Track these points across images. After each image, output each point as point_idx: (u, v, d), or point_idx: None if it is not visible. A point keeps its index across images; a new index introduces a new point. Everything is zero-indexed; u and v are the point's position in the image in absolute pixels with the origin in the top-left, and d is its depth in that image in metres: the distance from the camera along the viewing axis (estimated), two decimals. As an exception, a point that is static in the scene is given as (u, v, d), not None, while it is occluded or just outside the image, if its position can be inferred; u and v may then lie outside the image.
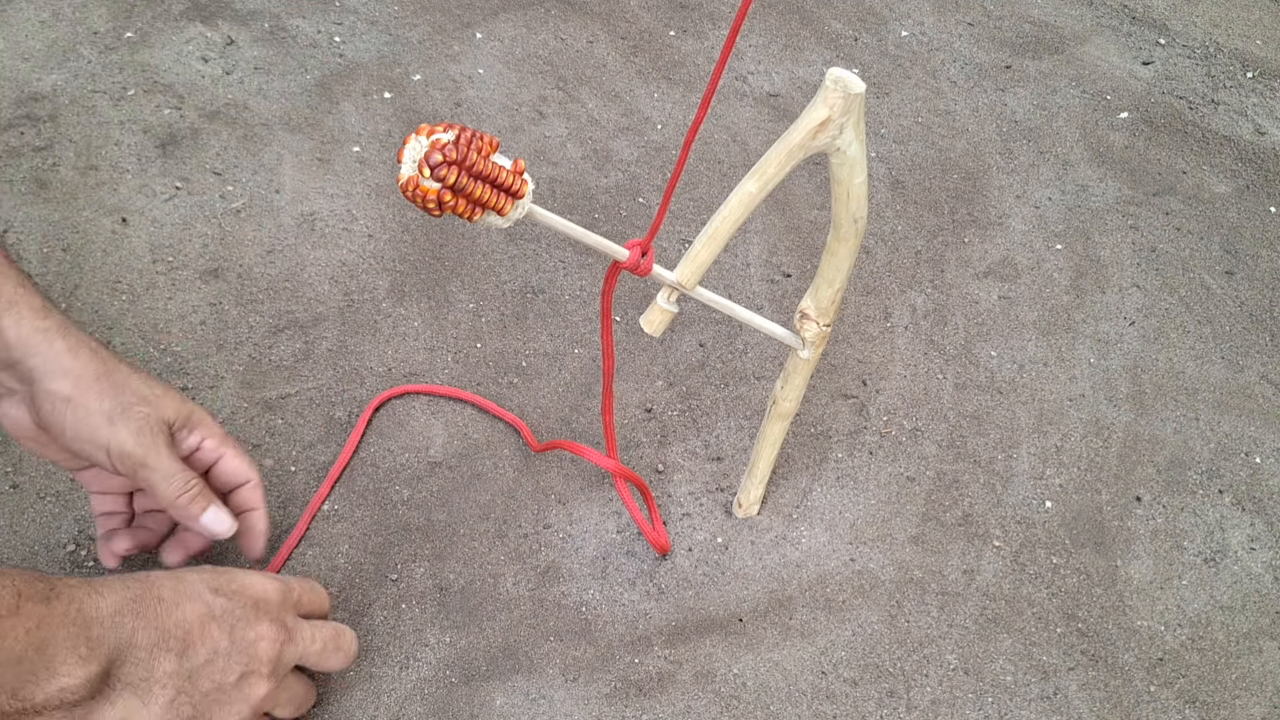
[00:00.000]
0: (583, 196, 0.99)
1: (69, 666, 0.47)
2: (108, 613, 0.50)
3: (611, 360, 0.65)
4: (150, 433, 0.59)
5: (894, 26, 1.22)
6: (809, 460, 0.82)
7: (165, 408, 0.61)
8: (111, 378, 0.59)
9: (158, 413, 0.60)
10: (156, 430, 0.59)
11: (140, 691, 0.51)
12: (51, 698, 0.47)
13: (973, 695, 0.70)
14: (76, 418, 0.57)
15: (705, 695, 0.68)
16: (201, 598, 0.54)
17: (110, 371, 0.59)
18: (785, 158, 0.54)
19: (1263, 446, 0.87)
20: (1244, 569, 0.79)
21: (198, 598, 0.54)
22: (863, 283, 0.95)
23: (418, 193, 0.47)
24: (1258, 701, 0.72)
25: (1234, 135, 1.12)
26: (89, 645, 0.48)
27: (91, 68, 1.01)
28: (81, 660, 0.48)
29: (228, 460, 0.64)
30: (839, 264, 0.60)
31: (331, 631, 0.61)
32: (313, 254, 0.90)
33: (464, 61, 1.09)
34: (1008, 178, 1.07)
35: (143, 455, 0.59)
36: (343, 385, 0.81)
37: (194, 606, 0.53)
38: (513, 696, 0.67)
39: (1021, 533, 0.79)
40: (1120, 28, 1.25)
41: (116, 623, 0.50)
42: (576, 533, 0.76)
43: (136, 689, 0.51)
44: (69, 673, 0.47)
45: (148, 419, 0.59)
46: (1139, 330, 0.94)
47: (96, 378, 0.58)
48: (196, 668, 0.52)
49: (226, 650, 0.54)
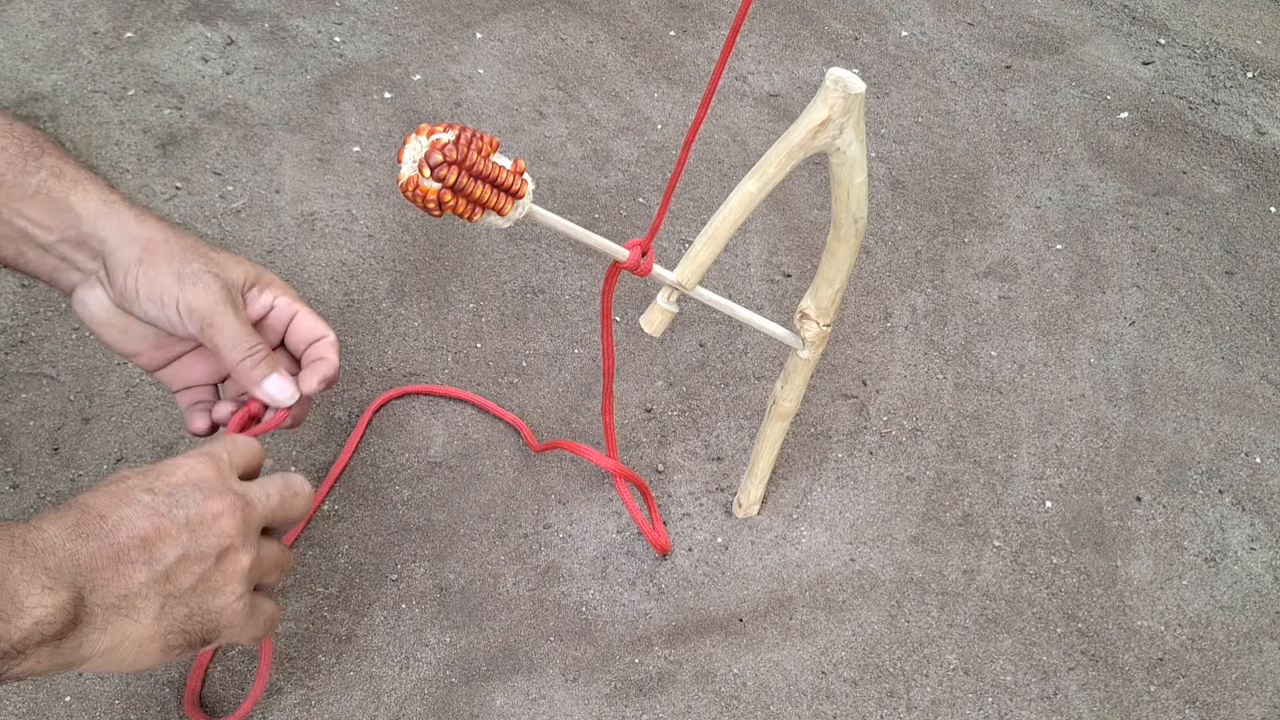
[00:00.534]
0: (583, 196, 0.99)
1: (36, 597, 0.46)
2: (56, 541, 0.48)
3: (611, 360, 0.65)
4: (219, 291, 0.60)
5: (894, 26, 1.22)
6: (809, 460, 0.82)
7: (233, 270, 0.62)
8: (180, 240, 0.60)
9: (226, 274, 0.61)
10: (224, 291, 0.60)
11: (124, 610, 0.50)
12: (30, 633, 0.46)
13: (973, 695, 0.70)
14: (148, 279, 0.58)
15: (705, 695, 0.68)
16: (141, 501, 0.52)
17: (178, 235, 0.60)
18: (785, 158, 0.54)
19: (1263, 446, 0.87)
20: (1244, 569, 0.79)
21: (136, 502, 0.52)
22: (863, 283, 0.95)
23: (418, 192, 0.47)
24: (1258, 701, 0.72)
25: (1234, 135, 1.12)
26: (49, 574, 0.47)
27: (91, 68, 1.01)
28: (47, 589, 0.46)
29: (302, 318, 0.64)
30: (839, 264, 0.60)
31: (280, 481, 0.59)
32: (313, 254, 0.90)
33: (464, 61, 1.09)
34: (1008, 178, 1.07)
35: (210, 313, 0.59)
36: (343, 385, 0.81)
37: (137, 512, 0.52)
38: (513, 696, 0.67)
39: (1021, 533, 0.79)
40: (1120, 28, 1.25)
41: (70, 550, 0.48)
42: (576, 533, 0.76)
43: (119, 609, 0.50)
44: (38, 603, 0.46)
45: (216, 279, 0.60)
46: (1139, 330, 0.94)
47: (165, 240, 0.59)
48: (169, 568, 0.51)
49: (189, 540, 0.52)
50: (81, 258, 0.59)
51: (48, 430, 0.76)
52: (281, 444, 0.77)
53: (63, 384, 0.78)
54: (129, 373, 0.79)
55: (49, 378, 0.79)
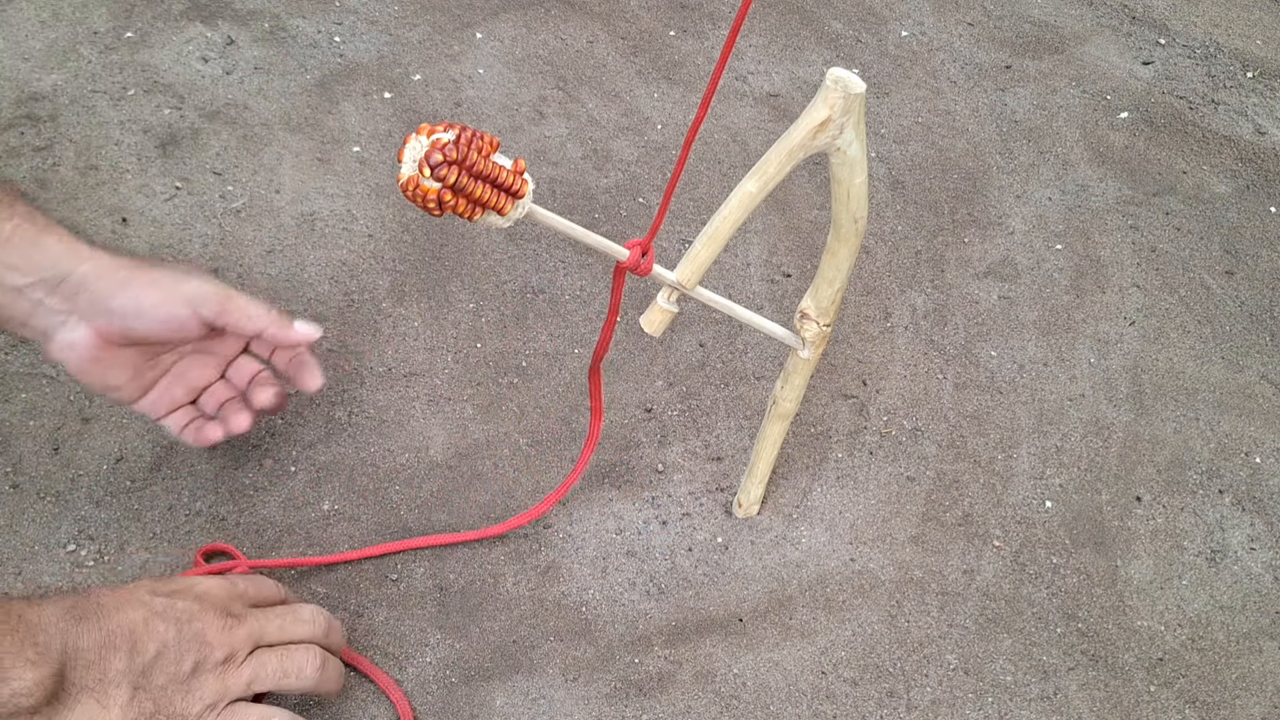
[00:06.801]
0: (583, 196, 0.99)
1: (19, 670, 0.47)
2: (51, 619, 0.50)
3: (605, 346, 0.65)
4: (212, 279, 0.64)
5: (894, 26, 1.22)
6: (809, 460, 0.82)
7: None
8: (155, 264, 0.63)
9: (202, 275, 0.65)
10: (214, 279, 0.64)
11: (97, 694, 0.51)
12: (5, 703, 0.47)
13: (973, 695, 0.70)
14: (143, 291, 0.61)
15: (705, 695, 0.68)
16: (141, 599, 0.55)
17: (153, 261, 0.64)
18: (785, 158, 0.54)
19: (1263, 446, 0.87)
20: (1244, 569, 0.79)
21: (137, 600, 0.55)
22: (863, 283, 0.95)
23: (418, 192, 0.47)
24: (1258, 701, 0.72)
25: (1234, 135, 1.12)
26: (36, 650, 0.48)
27: (91, 68, 1.01)
28: (30, 664, 0.48)
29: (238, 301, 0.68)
30: (839, 264, 0.60)
31: (286, 609, 0.61)
32: (313, 254, 0.90)
33: (464, 61, 1.09)
34: (1008, 178, 1.07)
35: (222, 293, 0.63)
36: (343, 385, 0.81)
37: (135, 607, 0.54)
38: (513, 696, 0.67)
39: (1021, 533, 0.79)
40: (1120, 28, 1.25)
41: (61, 628, 0.50)
42: (576, 533, 0.76)
43: (93, 692, 0.51)
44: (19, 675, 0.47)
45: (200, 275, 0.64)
46: (1139, 330, 0.94)
47: (142, 265, 0.62)
48: (148, 663, 0.53)
49: (175, 641, 0.54)
50: (58, 301, 0.60)
51: (48, 430, 0.76)
52: (281, 444, 0.77)
53: (62, 384, 0.78)
54: (129, 373, 0.79)
55: (49, 378, 0.79)
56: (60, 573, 0.69)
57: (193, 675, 0.54)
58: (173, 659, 0.54)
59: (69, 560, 0.70)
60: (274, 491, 0.75)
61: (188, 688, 0.54)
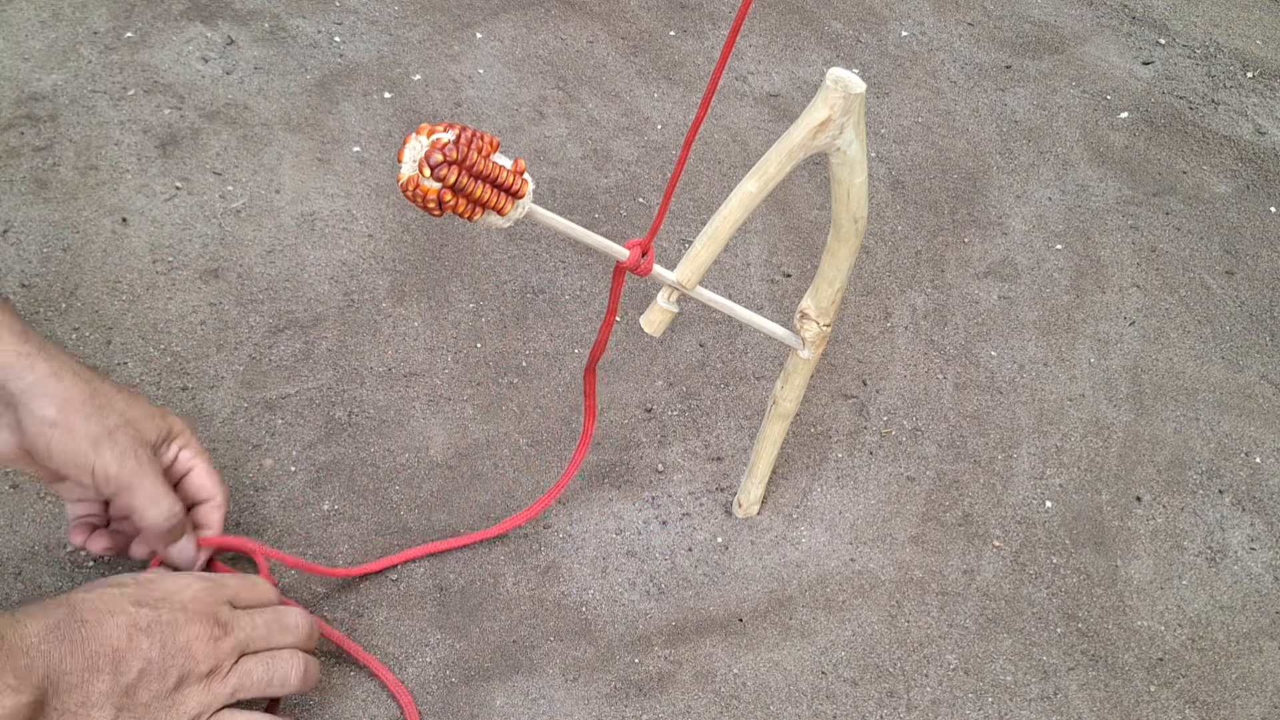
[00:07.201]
0: (583, 196, 0.99)
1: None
2: (33, 641, 0.50)
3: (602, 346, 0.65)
4: (135, 456, 0.60)
5: (894, 26, 1.22)
6: (809, 460, 0.82)
7: (148, 429, 0.62)
8: (95, 400, 0.59)
9: (141, 435, 0.61)
10: (141, 453, 0.60)
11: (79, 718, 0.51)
12: None
13: (973, 695, 0.70)
14: (62, 442, 0.58)
15: (705, 695, 0.68)
16: (125, 612, 0.54)
17: (94, 394, 0.59)
18: (785, 158, 0.54)
19: (1263, 446, 0.87)
20: (1244, 569, 0.79)
21: (121, 612, 0.54)
22: (863, 283, 0.95)
23: (418, 192, 0.47)
24: (1258, 701, 0.72)
25: (1234, 135, 1.12)
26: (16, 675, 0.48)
27: (91, 68, 1.01)
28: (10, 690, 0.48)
29: (196, 475, 0.66)
30: (839, 264, 0.60)
31: (272, 614, 0.60)
32: (313, 254, 0.90)
33: (464, 61, 1.09)
34: (1008, 178, 1.07)
35: (128, 479, 0.60)
36: (343, 385, 0.81)
37: (118, 622, 0.53)
38: (513, 696, 0.67)
39: (1021, 533, 0.79)
40: (1120, 28, 1.25)
41: (43, 651, 0.50)
42: (576, 533, 0.76)
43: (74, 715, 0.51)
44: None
45: (132, 441, 0.60)
46: (1139, 330, 0.94)
47: (82, 401, 0.59)
48: (131, 682, 0.52)
49: (159, 658, 0.53)
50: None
51: (48, 430, 0.76)
52: (281, 444, 0.77)
53: (63, 384, 0.78)
54: (128, 373, 0.79)
55: (49, 378, 0.79)
56: (60, 573, 0.69)
57: (177, 689, 0.54)
58: (157, 675, 0.53)
59: (69, 560, 0.70)
60: (274, 491, 0.75)
61: (171, 702, 0.54)
